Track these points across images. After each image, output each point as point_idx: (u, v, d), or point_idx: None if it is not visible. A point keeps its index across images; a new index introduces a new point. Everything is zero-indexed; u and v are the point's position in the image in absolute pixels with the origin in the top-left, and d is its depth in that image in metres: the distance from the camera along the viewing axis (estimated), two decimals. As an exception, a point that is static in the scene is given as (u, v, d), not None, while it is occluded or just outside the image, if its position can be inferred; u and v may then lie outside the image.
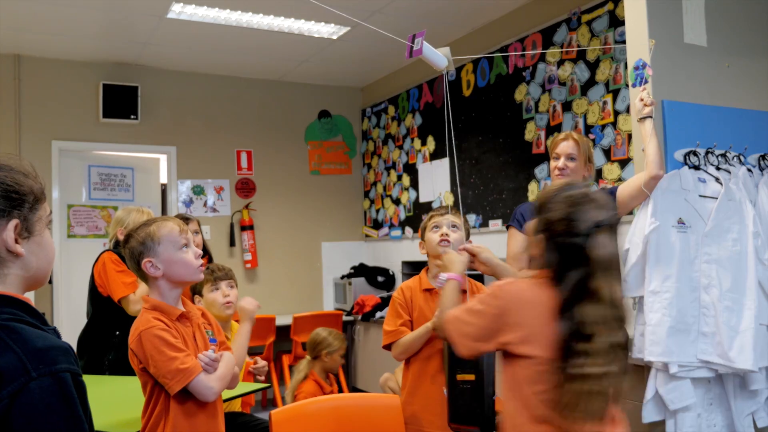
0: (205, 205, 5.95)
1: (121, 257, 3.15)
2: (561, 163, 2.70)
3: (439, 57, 2.32)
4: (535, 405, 1.53)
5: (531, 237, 1.65)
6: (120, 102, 5.50)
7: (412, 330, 2.43)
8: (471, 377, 2.00)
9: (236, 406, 3.18)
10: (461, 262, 1.98)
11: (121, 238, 3.18)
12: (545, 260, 1.57)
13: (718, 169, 2.61)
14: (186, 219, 3.52)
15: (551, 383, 1.50)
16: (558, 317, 1.51)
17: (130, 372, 2.98)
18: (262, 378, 3.24)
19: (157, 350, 1.80)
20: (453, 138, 4.88)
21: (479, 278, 4.23)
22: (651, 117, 2.46)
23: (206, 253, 3.78)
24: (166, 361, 1.80)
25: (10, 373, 1.00)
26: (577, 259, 1.51)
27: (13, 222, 1.12)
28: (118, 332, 3.04)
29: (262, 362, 3.46)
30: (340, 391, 4.47)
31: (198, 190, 5.94)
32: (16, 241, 1.13)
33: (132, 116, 5.54)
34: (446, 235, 2.40)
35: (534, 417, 1.54)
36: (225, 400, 2.31)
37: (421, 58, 2.27)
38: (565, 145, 2.71)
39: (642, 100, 2.48)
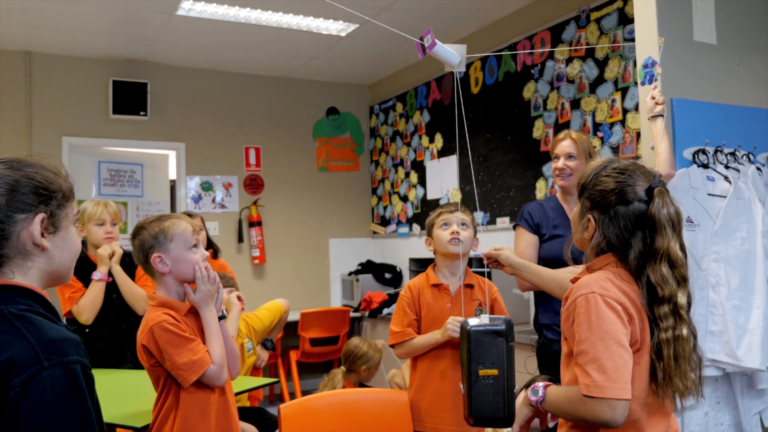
0: (213, 201, 5.98)
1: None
2: (560, 163, 2.70)
3: (451, 54, 2.32)
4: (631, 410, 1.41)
5: (578, 223, 1.56)
6: (129, 98, 5.53)
7: (418, 328, 2.45)
8: (494, 372, 1.97)
9: (243, 401, 3.21)
10: (529, 396, 1.63)
11: (82, 235, 3.16)
12: (604, 237, 1.48)
13: (727, 167, 2.61)
14: (189, 215, 3.54)
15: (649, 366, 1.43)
16: (641, 287, 1.45)
17: (101, 366, 2.98)
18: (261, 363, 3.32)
19: (170, 343, 1.83)
20: (466, 135, 4.88)
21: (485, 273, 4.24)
22: (662, 116, 2.45)
23: (210, 247, 3.81)
24: (180, 354, 1.82)
25: (23, 362, 1.02)
26: (638, 225, 1.46)
27: (40, 216, 1.15)
28: (87, 329, 3.05)
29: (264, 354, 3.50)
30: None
31: (206, 186, 5.96)
32: (42, 235, 1.15)
33: (141, 113, 5.57)
34: (457, 233, 2.40)
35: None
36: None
37: (433, 56, 2.26)
38: (563, 145, 2.71)
39: (654, 98, 2.48)
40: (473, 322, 2.02)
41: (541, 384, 1.56)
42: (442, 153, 5.63)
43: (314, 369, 6.12)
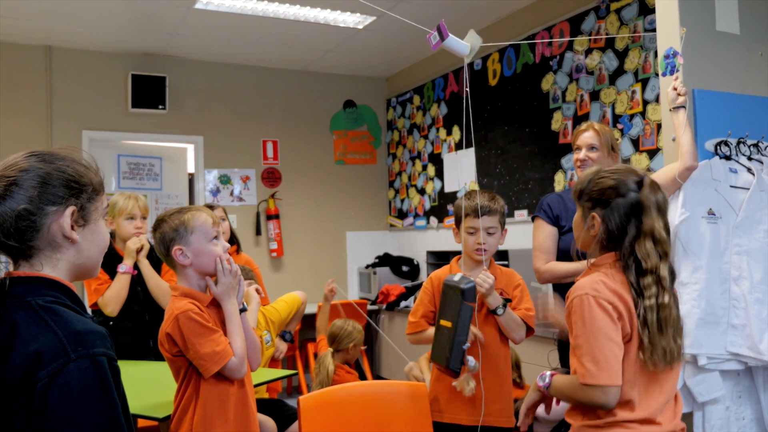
0: (231, 194, 6.01)
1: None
2: (582, 154, 2.68)
3: (461, 45, 2.31)
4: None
5: (581, 223, 1.73)
6: (148, 92, 5.56)
7: (433, 319, 2.48)
8: (449, 324, 2.18)
9: (262, 393, 3.23)
10: (535, 389, 1.82)
11: (111, 227, 3.18)
12: (606, 230, 1.66)
13: (750, 159, 2.57)
14: (211, 207, 3.55)
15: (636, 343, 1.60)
16: (629, 274, 1.62)
17: (124, 359, 3.00)
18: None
19: (194, 333, 1.84)
20: (471, 126, 4.87)
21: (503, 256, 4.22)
22: (684, 107, 2.42)
23: (234, 241, 3.82)
24: (203, 344, 1.84)
25: (50, 354, 1.03)
26: (632, 213, 1.64)
27: (70, 209, 1.16)
28: (111, 322, 3.07)
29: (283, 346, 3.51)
30: (362, 379, 4.47)
31: (225, 180, 5.99)
32: (72, 228, 1.17)
33: (160, 106, 5.60)
34: (482, 243, 2.41)
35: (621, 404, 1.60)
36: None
37: (445, 48, 2.26)
38: (585, 136, 2.69)
39: (675, 89, 2.45)
40: (452, 277, 2.25)
41: (548, 372, 1.76)
42: (460, 145, 5.61)
43: (332, 361, 6.14)
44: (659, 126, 3.68)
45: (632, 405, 1.61)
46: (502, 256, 4.38)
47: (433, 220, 5.96)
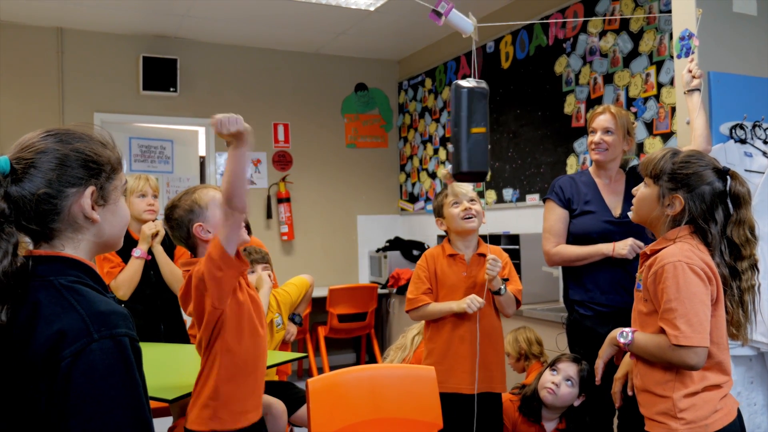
0: (242, 177, 6.00)
1: None
2: (597, 137, 2.66)
3: (465, 22, 2.31)
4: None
5: (655, 200, 1.80)
6: (159, 74, 5.56)
7: (433, 297, 2.63)
8: (483, 130, 2.22)
9: (272, 375, 3.25)
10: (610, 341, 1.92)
11: None
12: (688, 212, 1.75)
13: (765, 143, 2.54)
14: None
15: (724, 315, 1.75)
16: (714, 251, 1.74)
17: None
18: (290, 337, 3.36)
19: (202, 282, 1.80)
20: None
21: (496, 239, 4.20)
22: (699, 90, 2.39)
23: (245, 224, 3.82)
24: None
25: (73, 334, 1.03)
26: (720, 200, 1.75)
27: (90, 189, 1.16)
28: (123, 305, 3.07)
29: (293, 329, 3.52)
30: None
31: (236, 163, 5.98)
32: (93, 208, 1.17)
33: (171, 89, 5.60)
34: (469, 209, 2.58)
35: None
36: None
37: (448, 24, 2.28)
38: (601, 119, 2.66)
39: (691, 71, 2.41)
40: (465, 83, 2.24)
41: (628, 329, 1.83)
42: (471, 129, 5.56)
43: (342, 345, 6.17)
44: (673, 109, 3.63)
45: (722, 366, 1.73)
46: (513, 240, 4.36)
47: (444, 204, 5.93)
